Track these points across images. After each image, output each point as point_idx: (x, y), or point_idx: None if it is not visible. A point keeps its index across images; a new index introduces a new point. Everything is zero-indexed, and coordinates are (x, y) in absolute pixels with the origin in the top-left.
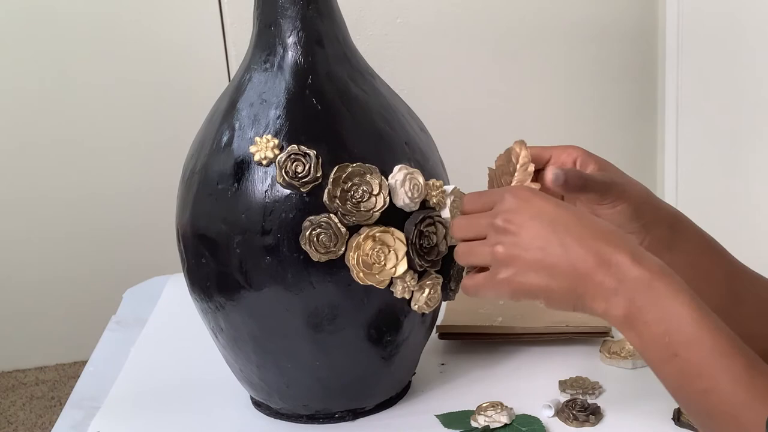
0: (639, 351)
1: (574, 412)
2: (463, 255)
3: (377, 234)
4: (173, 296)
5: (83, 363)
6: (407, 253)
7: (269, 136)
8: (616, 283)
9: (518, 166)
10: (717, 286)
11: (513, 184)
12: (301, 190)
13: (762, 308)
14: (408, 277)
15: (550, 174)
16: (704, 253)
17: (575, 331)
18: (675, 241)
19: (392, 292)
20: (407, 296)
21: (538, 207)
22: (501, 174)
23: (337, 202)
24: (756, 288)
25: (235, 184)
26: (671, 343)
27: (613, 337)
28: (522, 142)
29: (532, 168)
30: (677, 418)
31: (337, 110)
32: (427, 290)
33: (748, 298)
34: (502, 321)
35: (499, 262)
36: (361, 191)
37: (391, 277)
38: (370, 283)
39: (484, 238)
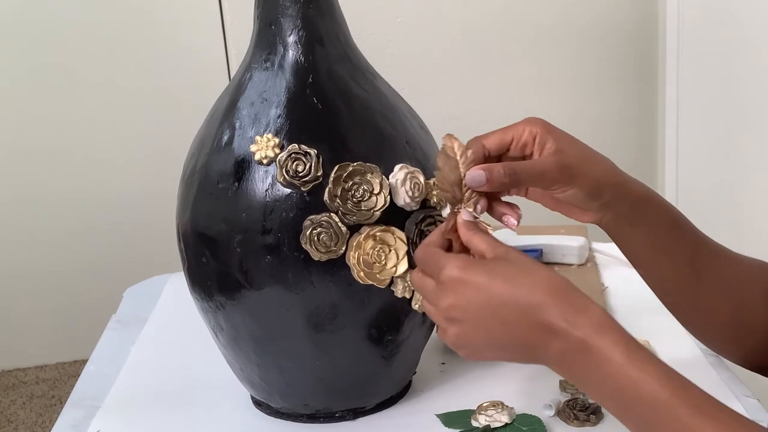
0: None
1: (575, 412)
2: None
3: (378, 233)
4: (174, 295)
5: (84, 362)
6: (408, 253)
7: (270, 135)
8: (559, 352)
9: (459, 157)
10: (679, 261)
11: (463, 175)
12: (302, 189)
13: (723, 284)
14: (409, 277)
15: (470, 176)
16: (668, 229)
17: None
18: (638, 218)
19: (393, 291)
20: (408, 295)
21: (473, 288)
22: (449, 172)
23: (338, 201)
24: (719, 263)
25: (236, 184)
26: (615, 400)
27: None
28: (450, 136)
29: (470, 153)
30: None
31: (338, 109)
32: None
33: (711, 273)
34: None
35: (454, 346)
36: (361, 190)
37: (392, 277)
38: (370, 282)
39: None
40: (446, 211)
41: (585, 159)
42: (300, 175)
